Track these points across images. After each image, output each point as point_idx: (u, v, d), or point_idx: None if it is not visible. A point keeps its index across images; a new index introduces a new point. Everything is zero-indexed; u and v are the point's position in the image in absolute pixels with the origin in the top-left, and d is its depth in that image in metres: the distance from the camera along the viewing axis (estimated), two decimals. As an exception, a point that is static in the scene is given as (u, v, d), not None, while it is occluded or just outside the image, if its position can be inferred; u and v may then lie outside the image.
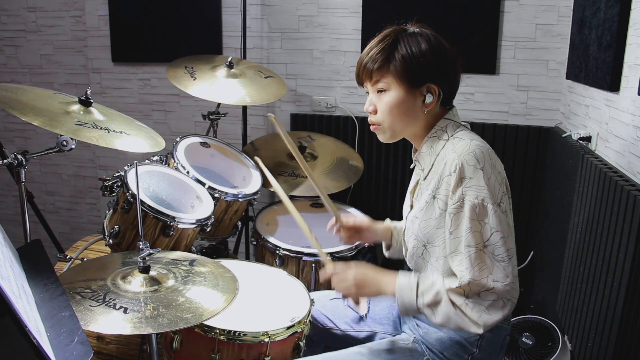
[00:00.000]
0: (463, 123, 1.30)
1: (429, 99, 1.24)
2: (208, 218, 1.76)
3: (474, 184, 1.16)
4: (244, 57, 2.68)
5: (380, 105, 1.26)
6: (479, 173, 1.16)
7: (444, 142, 1.26)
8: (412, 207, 1.36)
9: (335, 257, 2.00)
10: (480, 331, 1.16)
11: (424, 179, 1.30)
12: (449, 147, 1.23)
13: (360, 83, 1.30)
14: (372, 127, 1.31)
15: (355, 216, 1.59)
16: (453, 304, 1.17)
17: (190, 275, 1.35)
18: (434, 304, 1.19)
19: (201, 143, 2.16)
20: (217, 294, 1.28)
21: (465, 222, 1.16)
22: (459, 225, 1.18)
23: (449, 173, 1.19)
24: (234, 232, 2.14)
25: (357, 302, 1.30)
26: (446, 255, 1.22)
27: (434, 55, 1.22)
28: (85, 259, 1.86)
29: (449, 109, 1.30)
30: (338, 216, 1.53)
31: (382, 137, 1.32)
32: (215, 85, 2.23)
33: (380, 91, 1.26)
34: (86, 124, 1.60)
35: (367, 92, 1.30)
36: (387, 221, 1.61)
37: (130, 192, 1.62)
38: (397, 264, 2.22)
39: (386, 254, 1.61)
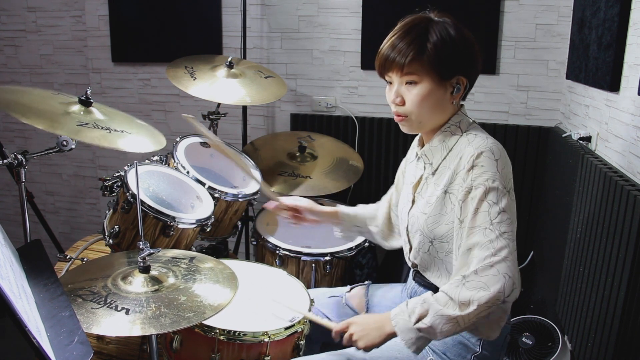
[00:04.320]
0: (473, 120, 1.31)
1: (457, 90, 1.24)
2: (208, 218, 1.76)
3: (486, 170, 1.16)
4: (244, 57, 2.68)
5: (409, 97, 1.24)
6: (493, 163, 1.16)
7: (458, 137, 1.26)
8: (413, 202, 1.36)
9: (335, 256, 2.00)
10: (470, 310, 1.10)
11: (432, 173, 1.29)
12: (464, 143, 1.23)
13: (383, 75, 1.28)
14: (397, 118, 1.29)
15: (299, 197, 1.64)
16: (439, 299, 1.14)
17: (190, 273, 1.35)
18: (424, 314, 1.16)
19: (201, 143, 2.16)
20: (218, 291, 1.28)
21: (474, 204, 1.15)
22: (465, 209, 1.17)
23: (463, 167, 1.19)
24: (234, 232, 2.14)
25: (368, 349, 1.26)
26: (454, 247, 1.21)
27: (463, 45, 1.22)
28: (85, 259, 1.86)
29: (461, 105, 1.31)
30: (274, 197, 1.62)
31: (407, 129, 1.30)
32: (215, 85, 2.23)
33: (409, 83, 1.24)
34: (87, 124, 1.60)
35: (389, 82, 1.28)
36: (338, 207, 1.64)
37: (130, 192, 1.62)
38: (397, 262, 2.21)
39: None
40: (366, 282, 1.62)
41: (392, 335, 1.21)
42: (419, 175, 1.35)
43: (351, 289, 1.61)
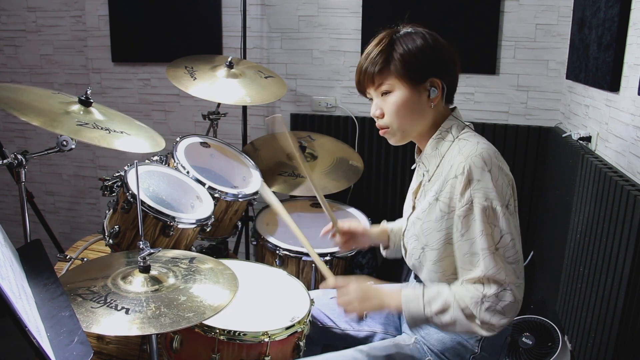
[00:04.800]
0: (467, 123, 1.30)
1: (433, 93, 1.24)
2: (208, 218, 1.76)
3: (482, 186, 1.16)
4: (244, 57, 2.68)
5: (386, 107, 1.25)
6: (487, 175, 1.16)
7: (449, 143, 1.26)
8: (414, 208, 1.36)
9: (335, 257, 2.00)
10: (491, 333, 1.16)
11: (429, 180, 1.30)
12: (455, 149, 1.23)
13: (363, 91, 1.30)
14: (381, 132, 1.30)
15: (352, 219, 1.59)
16: (463, 309, 1.17)
17: (190, 273, 1.35)
18: (443, 311, 1.19)
19: (201, 143, 2.16)
20: (218, 292, 1.28)
21: (477, 225, 1.16)
22: (469, 227, 1.18)
23: (454, 175, 1.19)
24: (234, 232, 2.14)
25: (360, 317, 1.28)
26: (459, 257, 1.21)
27: (431, 50, 1.22)
28: (85, 259, 1.86)
29: (452, 109, 1.30)
30: (335, 221, 1.54)
31: (393, 140, 1.31)
32: (215, 85, 2.23)
33: (384, 93, 1.25)
34: (87, 124, 1.60)
35: (371, 99, 1.30)
36: (384, 223, 1.61)
37: (130, 192, 1.62)
38: (397, 262, 2.22)
39: (383, 253, 1.62)
40: (369, 282, 1.62)
41: (392, 310, 1.26)
42: (419, 182, 1.36)
43: None
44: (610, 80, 1.67)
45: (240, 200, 2.01)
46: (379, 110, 1.27)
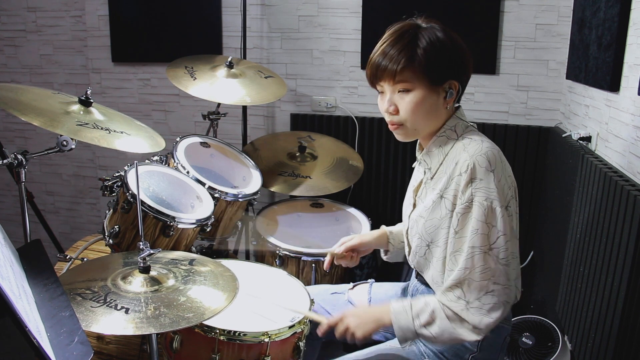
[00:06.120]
0: (470, 123, 1.30)
1: (450, 95, 1.23)
2: (208, 218, 1.76)
3: (484, 186, 1.16)
4: (244, 57, 2.68)
5: (403, 105, 1.23)
6: (490, 175, 1.16)
7: (454, 142, 1.26)
8: (414, 205, 1.36)
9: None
10: (479, 337, 1.17)
11: (431, 178, 1.29)
12: (460, 147, 1.23)
13: (374, 84, 1.27)
14: (391, 127, 1.28)
15: (351, 235, 1.59)
16: (449, 316, 1.18)
17: (190, 274, 1.35)
18: (430, 322, 1.20)
19: (201, 143, 2.16)
20: (218, 293, 1.28)
21: (472, 223, 1.16)
22: (465, 225, 1.18)
23: (459, 173, 1.19)
24: (234, 232, 2.14)
25: (364, 340, 1.29)
26: (447, 255, 1.22)
27: (453, 49, 1.21)
28: (85, 259, 1.86)
29: (457, 107, 1.30)
30: (332, 254, 1.55)
31: (402, 137, 1.30)
32: (215, 85, 2.23)
33: (401, 91, 1.23)
34: (87, 124, 1.60)
35: (381, 92, 1.28)
36: (382, 227, 1.61)
37: (130, 192, 1.62)
38: (398, 262, 2.22)
39: (384, 257, 1.62)
40: (369, 280, 1.62)
41: (388, 326, 1.26)
42: (420, 179, 1.35)
43: (354, 286, 1.61)
44: (610, 80, 1.67)
45: (240, 200, 2.01)
46: (393, 107, 1.24)
